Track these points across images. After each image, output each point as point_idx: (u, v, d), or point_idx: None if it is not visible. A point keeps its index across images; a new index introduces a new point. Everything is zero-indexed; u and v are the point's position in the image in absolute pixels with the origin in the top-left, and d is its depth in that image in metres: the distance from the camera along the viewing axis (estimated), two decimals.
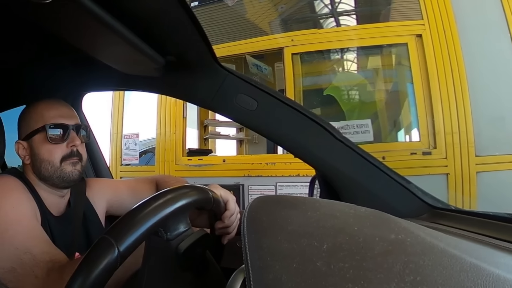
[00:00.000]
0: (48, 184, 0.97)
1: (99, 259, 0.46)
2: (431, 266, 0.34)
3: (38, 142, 0.96)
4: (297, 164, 2.47)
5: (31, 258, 0.74)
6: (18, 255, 0.74)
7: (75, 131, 0.98)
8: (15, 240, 0.77)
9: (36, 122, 0.96)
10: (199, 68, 0.99)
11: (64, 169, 0.96)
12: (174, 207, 0.56)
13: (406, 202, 0.96)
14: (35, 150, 0.96)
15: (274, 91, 1.00)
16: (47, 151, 0.95)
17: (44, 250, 0.77)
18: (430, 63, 2.49)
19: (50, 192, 0.99)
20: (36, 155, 0.96)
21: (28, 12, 0.66)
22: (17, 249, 0.75)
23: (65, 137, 0.96)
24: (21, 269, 0.73)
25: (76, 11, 0.60)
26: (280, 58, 2.88)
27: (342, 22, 3.08)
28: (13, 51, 1.03)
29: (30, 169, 0.98)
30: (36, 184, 0.97)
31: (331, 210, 0.47)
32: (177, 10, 0.71)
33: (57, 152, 0.96)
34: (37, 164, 0.96)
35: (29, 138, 0.97)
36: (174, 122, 3.06)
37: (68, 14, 0.64)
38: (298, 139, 0.99)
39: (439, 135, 2.43)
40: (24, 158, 0.98)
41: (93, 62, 0.94)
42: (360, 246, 0.37)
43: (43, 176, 0.96)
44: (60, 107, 1.00)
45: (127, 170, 3.20)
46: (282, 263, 0.37)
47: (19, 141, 0.98)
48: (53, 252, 0.78)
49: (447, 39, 2.47)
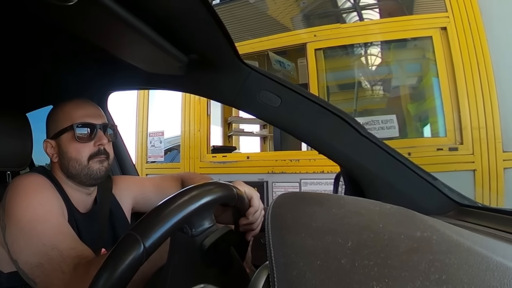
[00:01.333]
0: (75, 181, 1.00)
1: (125, 255, 0.47)
2: (457, 264, 0.33)
3: (66, 141, 0.98)
4: (322, 161, 2.45)
5: (58, 254, 0.75)
6: (45, 251, 0.76)
7: (102, 130, 1.00)
8: (43, 237, 0.78)
9: (64, 121, 0.98)
10: (222, 65, 0.99)
11: (91, 167, 0.98)
12: (199, 203, 0.56)
13: (432, 199, 0.94)
14: (63, 149, 0.98)
15: (298, 87, 0.99)
16: (75, 150, 0.97)
17: (71, 246, 0.78)
18: (455, 56, 2.41)
19: (77, 189, 1.01)
20: (64, 153, 0.98)
21: (52, 14, 0.67)
22: (44, 245, 0.77)
23: (92, 136, 0.98)
24: (48, 264, 0.75)
25: (100, 12, 0.61)
26: (303, 54, 2.85)
27: (365, 16, 3.02)
28: (39, 53, 1.06)
29: (57, 167, 1.01)
30: (63, 182, 1.00)
31: (356, 207, 0.47)
32: (199, 9, 0.71)
33: (85, 150, 0.98)
34: (65, 162, 0.98)
35: (57, 137, 0.99)
36: (198, 119, 3.09)
37: (92, 15, 0.65)
38: (322, 135, 0.98)
39: (465, 130, 2.36)
40: (52, 156, 1.01)
41: (117, 62, 0.96)
42: (385, 243, 0.37)
43: (71, 174, 0.98)
44: (88, 107, 1.02)
45: (152, 167, 3.26)
46: (306, 260, 0.37)
47: (48, 140, 1.01)
48: (80, 248, 0.79)
49: (472, 31, 2.39)
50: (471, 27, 2.39)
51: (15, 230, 0.81)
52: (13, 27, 0.88)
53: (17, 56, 1.07)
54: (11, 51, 1.03)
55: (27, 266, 0.77)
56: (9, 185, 0.90)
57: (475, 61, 2.37)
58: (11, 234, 0.81)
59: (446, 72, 2.44)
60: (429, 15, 2.57)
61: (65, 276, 0.72)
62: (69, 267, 0.73)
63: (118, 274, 0.46)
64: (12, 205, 0.84)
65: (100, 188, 1.11)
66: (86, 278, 0.65)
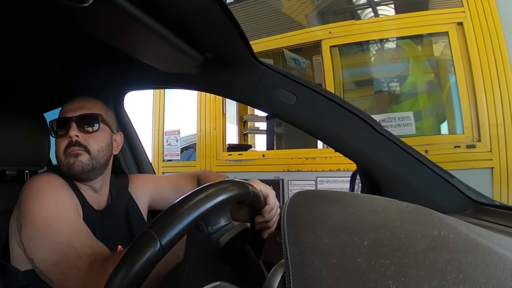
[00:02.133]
0: (72, 179, 1.00)
1: (141, 252, 0.47)
2: (474, 264, 0.33)
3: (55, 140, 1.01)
4: (338, 159, 2.43)
5: (73, 251, 0.76)
6: (61, 249, 0.77)
7: (75, 121, 0.98)
8: (58, 235, 0.79)
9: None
10: (237, 64, 0.99)
11: (68, 161, 0.96)
12: (215, 201, 0.57)
13: (450, 197, 0.92)
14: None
15: (313, 84, 0.99)
16: (56, 146, 1.00)
17: (87, 243, 0.79)
18: (472, 52, 2.35)
19: (84, 187, 1.02)
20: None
21: (68, 16, 0.68)
22: (60, 243, 0.78)
23: (66, 129, 0.98)
24: (64, 262, 0.75)
25: (115, 13, 0.62)
26: (318, 51, 2.83)
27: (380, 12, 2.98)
28: (56, 53, 1.08)
29: None
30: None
31: (372, 205, 0.46)
32: (214, 8, 0.71)
33: (60, 145, 0.98)
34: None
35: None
36: (214, 118, 3.10)
37: (107, 16, 0.66)
38: (338, 133, 0.97)
39: (483, 127, 2.30)
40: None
41: (133, 62, 0.97)
42: (401, 242, 0.36)
43: (62, 171, 0.99)
44: (74, 102, 1.03)
45: (169, 165, 3.29)
46: (322, 259, 0.36)
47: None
48: (95, 245, 0.80)
49: (489, 25, 2.32)
50: (488, 22, 2.33)
51: (30, 229, 0.82)
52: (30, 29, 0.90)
53: (34, 57, 1.09)
54: (29, 52, 1.05)
55: (43, 264, 0.78)
56: (25, 185, 0.92)
57: (492, 56, 2.30)
58: (27, 233, 0.82)
59: (463, 68, 2.38)
60: (445, 10, 2.51)
61: (81, 273, 0.73)
62: (85, 264, 0.74)
63: (134, 271, 0.46)
64: (27, 205, 0.85)
65: (114, 186, 1.13)
66: (102, 275, 0.66)
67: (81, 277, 0.73)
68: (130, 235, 1.10)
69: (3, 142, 1.08)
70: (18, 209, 0.88)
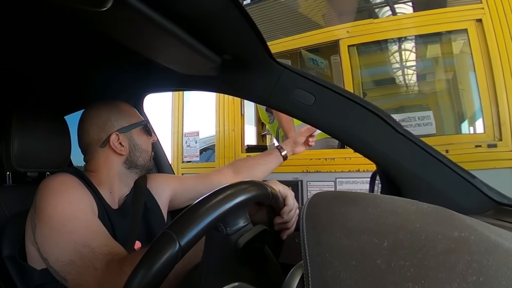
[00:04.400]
0: (138, 171, 1.13)
1: (160, 253, 0.48)
2: (495, 266, 0.32)
3: (137, 135, 1.12)
4: (357, 159, 2.41)
5: (90, 251, 0.76)
6: (76, 248, 0.77)
7: None
8: (73, 234, 0.80)
9: (132, 117, 1.11)
10: (255, 65, 0.99)
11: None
12: (233, 202, 0.57)
13: (471, 198, 0.90)
14: (135, 141, 1.11)
15: (332, 84, 0.98)
16: (145, 143, 1.15)
17: (103, 243, 0.80)
18: (492, 49, 2.29)
19: (101, 185, 1.05)
20: (137, 145, 1.11)
21: (88, 20, 0.70)
22: (75, 242, 0.78)
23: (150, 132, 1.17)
24: (80, 261, 0.76)
25: (133, 17, 0.63)
26: (336, 50, 2.80)
27: (398, 10, 2.93)
28: (77, 57, 1.11)
29: (118, 159, 1.08)
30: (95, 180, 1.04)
31: (392, 206, 0.45)
32: (230, 10, 0.71)
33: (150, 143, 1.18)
34: (136, 153, 1.11)
35: (127, 131, 1.10)
36: (232, 119, 3.11)
37: (125, 20, 0.67)
38: (358, 133, 0.96)
39: (504, 126, 2.23)
40: (120, 149, 1.08)
41: (152, 65, 0.98)
42: (421, 244, 0.36)
43: (138, 164, 1.12)
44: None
45: (188, 167, 3.32)
46: (341, 260, 0.36)
47: (117, 133, 1.07)
48: (112, 245, 0.80)
49: (509, 22, 2.26)
50: (507, 18, 2.27)
51: (45, 228, 0.83)
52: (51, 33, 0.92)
53: (55, 61, 1.12)
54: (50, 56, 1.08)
55: (58, 263, 0.79)
56: (40, 185, 0.93)
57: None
58: (41, 232, 0.83)
59: (483, 66, 2.32)
60: (463, 7, 2.45)
61: (97, 273, 0.74)
62: (101, 263, 0.75)
63: (153, 272, 0.47)
64: (42, 205, 0.86)
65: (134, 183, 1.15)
66: (120, 275, 0.67)
67: (98, 276, 0.74)
68: (149, 232, 1.10)
69: (24, 144, 1.11)
70: (33, 209, 0.89)
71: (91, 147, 1.08)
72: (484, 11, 2.34)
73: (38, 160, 1.16)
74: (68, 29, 0.90)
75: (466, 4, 2.44)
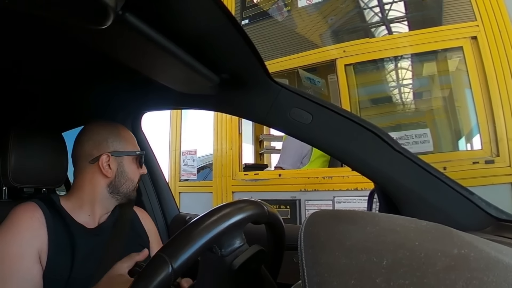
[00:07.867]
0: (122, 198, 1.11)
1: (153, 276, 0.48)
2: (496, 282, 0.32)
3: (128, 162, 1.13)
4: (355, 178, 2.40)
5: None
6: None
7: None
8: (5, 279, 0.83)
9: (127, 144, 1.12)
10: (253, 84, 1.00)
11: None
12: (228, 223, 0.56)
13: (469, 214, 0.90)
14: (124, 168, 1.11)
15: (329, 103, 0.98)
16: (133, 172, 1.15)
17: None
18: (487, 66, 2.32)
19: (75, 208, 1.05)
20: (123, 172, 1.11)
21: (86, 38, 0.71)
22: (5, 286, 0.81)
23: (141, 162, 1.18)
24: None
25: (132, 35, 0.64)
26: (333, 70, 2.83)
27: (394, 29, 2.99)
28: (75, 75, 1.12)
29: (104, 182, 1.08)
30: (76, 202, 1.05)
31: (391, 225, 0.45)
32: (229, 30, 0.72)
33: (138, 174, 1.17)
34: (121, 180, 1.10)
35: (119, 156, 1.10)
36: (230, 138, 3.11)
37: (124, 38, 0.68)
38: (355, 152, 0.96)
39: (501, 142, 2.24)
40: (107, 171, 1.08)
41: (150, 83, 0.99)
42: (421, 261, 0.35)
43: (121, 191, 1.11)
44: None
45: (185, 185, 3.31)
46: (340, 279, 0.36)
47: (109, 154, 1.08)
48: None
49: (504, 39, 2.30)
50: (502, 35, 2.31)
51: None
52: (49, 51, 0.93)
53: (55, 78, 1.13)
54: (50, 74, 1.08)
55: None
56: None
57: (508, 70, 2.28)
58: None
59: (479, 83, 2.34)
60: (458, 25, 2.49)
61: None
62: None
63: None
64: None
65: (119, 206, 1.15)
66: None
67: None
68: (130, 250, 1.05)
69: (21, 160, 1.12)
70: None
71: (81, 160, 1.08)
72: (479, 28, 2.38)
73: (35, 176, 1.16)
74: (68, 47, 0.90)
75: (461, 22, 2.48)
